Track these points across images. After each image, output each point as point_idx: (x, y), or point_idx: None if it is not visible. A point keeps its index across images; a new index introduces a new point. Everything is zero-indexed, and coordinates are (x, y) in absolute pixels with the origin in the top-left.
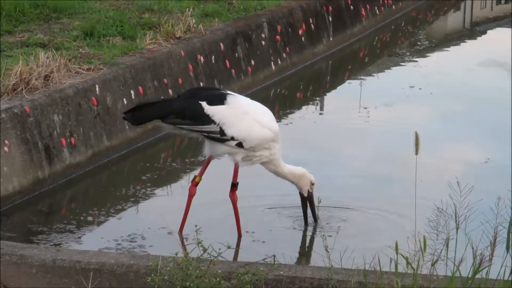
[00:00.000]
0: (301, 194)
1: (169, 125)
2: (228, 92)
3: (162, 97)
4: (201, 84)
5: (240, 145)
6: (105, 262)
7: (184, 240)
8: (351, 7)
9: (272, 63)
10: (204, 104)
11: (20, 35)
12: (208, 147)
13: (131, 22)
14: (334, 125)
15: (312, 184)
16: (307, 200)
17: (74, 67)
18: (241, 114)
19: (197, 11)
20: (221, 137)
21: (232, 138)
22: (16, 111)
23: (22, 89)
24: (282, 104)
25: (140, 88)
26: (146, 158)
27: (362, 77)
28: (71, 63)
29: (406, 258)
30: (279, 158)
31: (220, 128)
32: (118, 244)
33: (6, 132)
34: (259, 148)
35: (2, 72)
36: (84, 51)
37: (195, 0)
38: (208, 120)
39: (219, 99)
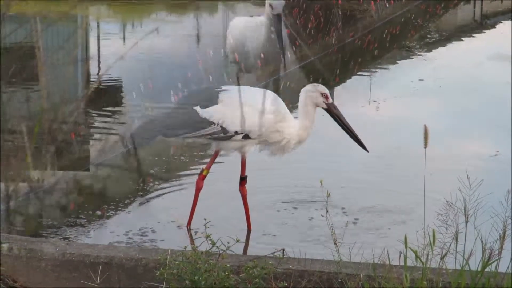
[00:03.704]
0: (327, 110)
1: (171, 139)
2: (221, 88)
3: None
4: None
5: (246, 137)
6: (114, 256)
7: (194, 234)
8: None
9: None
10: (198, 109)
11: None
12: (216, 146)
13: None
14: None
15: (322, 94)
16: (334, 114)
17: None
18: (237, 107)
19: None
20: (224, 135)
21: (236, 133)
22: None
23: None
24: (291, 97)
25: None
26: (154, 152)
27: (371, 70)
28: None
29: (415, 252)
30: (296, 136)
31: (221, 126)
32: (129, 238)
33: None
34: (267, 134)
35: None
36: None
37: None
38: (207, 123)
39: (212, 99)
